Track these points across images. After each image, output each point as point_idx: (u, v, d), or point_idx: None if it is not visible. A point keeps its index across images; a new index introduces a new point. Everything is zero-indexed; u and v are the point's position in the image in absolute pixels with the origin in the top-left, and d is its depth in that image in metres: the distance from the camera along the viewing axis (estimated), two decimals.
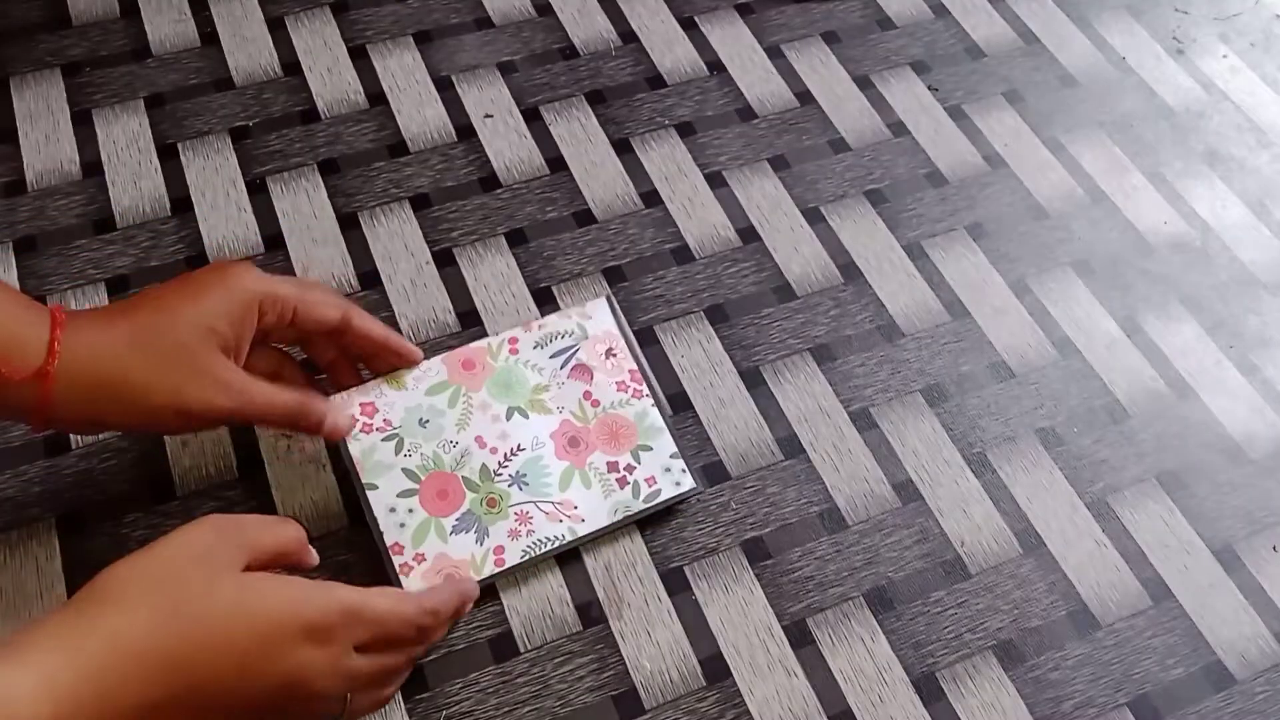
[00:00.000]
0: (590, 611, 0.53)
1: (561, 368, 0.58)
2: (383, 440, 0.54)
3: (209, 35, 0.72)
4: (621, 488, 0.55)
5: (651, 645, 0.53)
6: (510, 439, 0.55)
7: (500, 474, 0.54)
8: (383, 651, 0.46)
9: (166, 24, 0.72)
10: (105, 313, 0.48)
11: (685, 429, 0.59)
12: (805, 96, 0.73)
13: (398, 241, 0.64)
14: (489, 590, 0.53)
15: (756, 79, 0.73)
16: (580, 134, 0.70)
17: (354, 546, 0.54)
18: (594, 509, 0.54)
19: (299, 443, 0.57)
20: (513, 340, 0.58)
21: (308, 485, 0.55)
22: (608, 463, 0.56)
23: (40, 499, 0.54)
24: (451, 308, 0.62)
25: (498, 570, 0.52)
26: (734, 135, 0.70)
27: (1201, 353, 0.64)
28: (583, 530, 0.54)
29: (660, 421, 0.57)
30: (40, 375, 0.45)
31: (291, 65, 0.71)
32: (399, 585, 0.51)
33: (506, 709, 0.50)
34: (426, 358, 0.57)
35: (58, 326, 0.45)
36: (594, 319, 0.59)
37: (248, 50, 0.71)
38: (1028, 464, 0.59)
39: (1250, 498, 0.59)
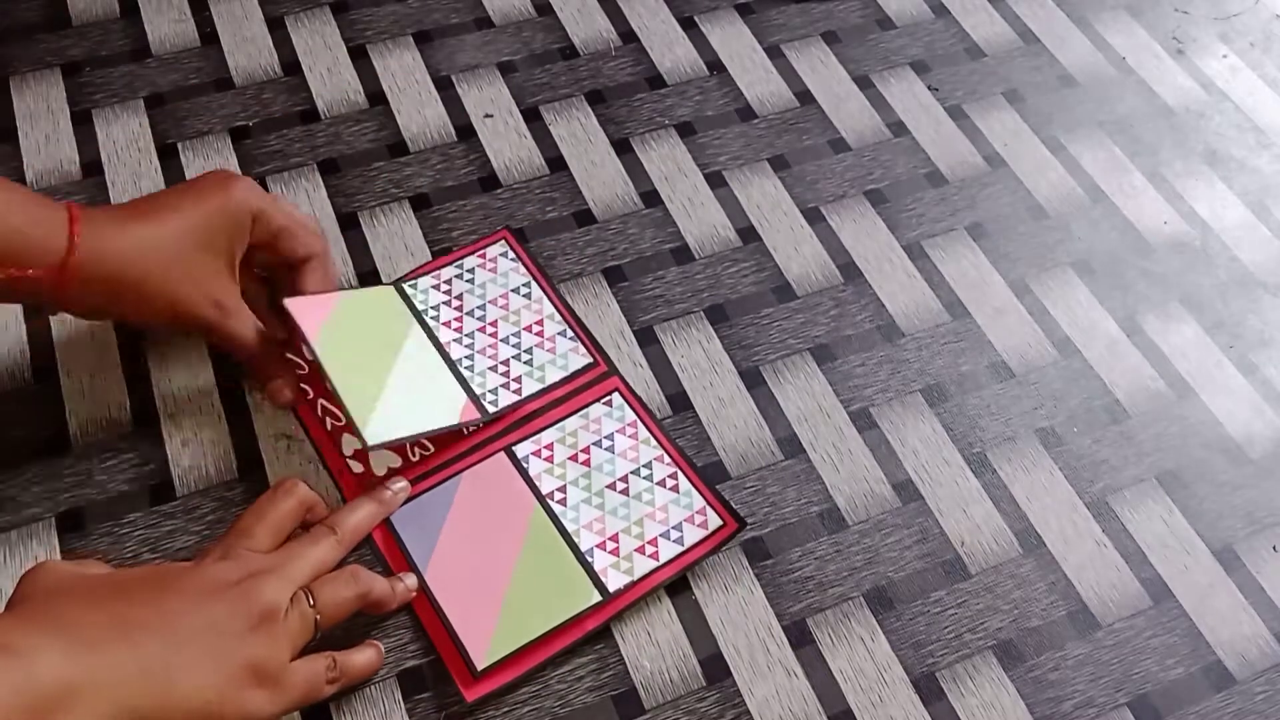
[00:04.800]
0: None
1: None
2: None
3: (209, 35, 0.72)
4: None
5: (651, 645, 0.53)
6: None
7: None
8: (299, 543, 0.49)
9: (166, 24, 0.72)
10: (118, 214, 0.51)
11: (685, 429, 0.59)
12: (805, 96, 0.73)
13: (398, 241, 0.64)
14: None
15: (756, 79, 0.73)
16: (580, 134, 0.70)
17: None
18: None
19: (299, 443, 0.57)
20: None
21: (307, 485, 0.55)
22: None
23: (40, 499, 0.54)
24: None
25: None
26: (734, 135, 0.70)
27: (1201, 353, 0.64)
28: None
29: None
30: (60, 269, 0.49)
31: (291, 65, 0.71)
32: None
33: (506, 709, 0.50)
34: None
35: (75, 223, 0.49)
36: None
37: (248, 50, 0.71)
38: (1028, 464, 0.59)
39: (1250, 498, 0.59)
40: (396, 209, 0.65)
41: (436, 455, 0.56)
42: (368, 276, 0.62)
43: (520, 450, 0.57)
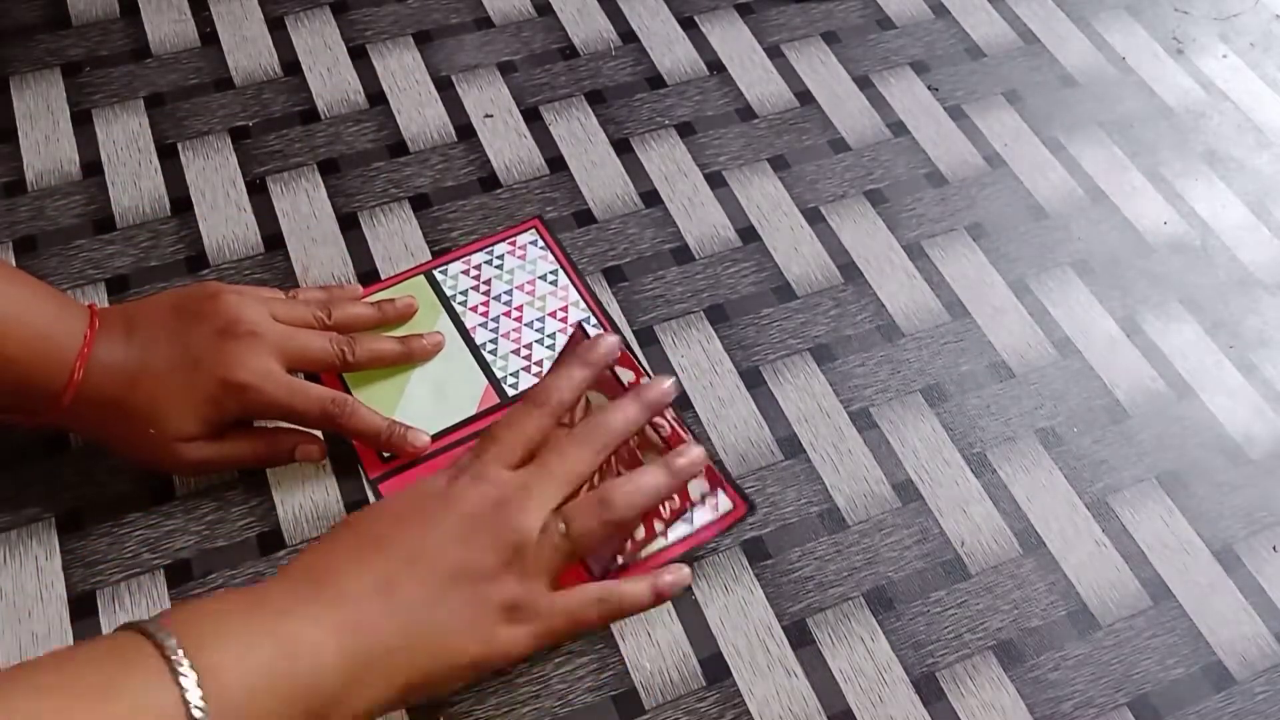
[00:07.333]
0: None
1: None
2: None
3: (209, 35, 0.72)
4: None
5: (651, 645, 0.53)
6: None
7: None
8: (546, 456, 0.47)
9: (166, 24, 0.72)
10: (127, 342, 0.50)
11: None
12: (805, 96, 0.73)
13: (398, 241, 0.64)
14: None
15: (756, 79, 0.73)
16: (580, 134, 0.70)
17: None
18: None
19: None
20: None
21: (308, 485, 0.55)
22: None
23: (40, 499, 0.54)
24: None
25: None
26: (734, 135, 0.70)
27: (1201, 353, 0.64)
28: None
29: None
30: (58, 395, 0.49)
31: (291, 65, 0.71)
32: None
33: (506, 709, 0.50)
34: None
35: (82, 357, 0.49)
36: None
37: (248, 50, 0.71)
38: (1028, 464, 0.59)
39: (1250, 498, 0.59)
40: (396, 209, 0.65)
41: None
42: (367, 276, 0.62)
43: None
